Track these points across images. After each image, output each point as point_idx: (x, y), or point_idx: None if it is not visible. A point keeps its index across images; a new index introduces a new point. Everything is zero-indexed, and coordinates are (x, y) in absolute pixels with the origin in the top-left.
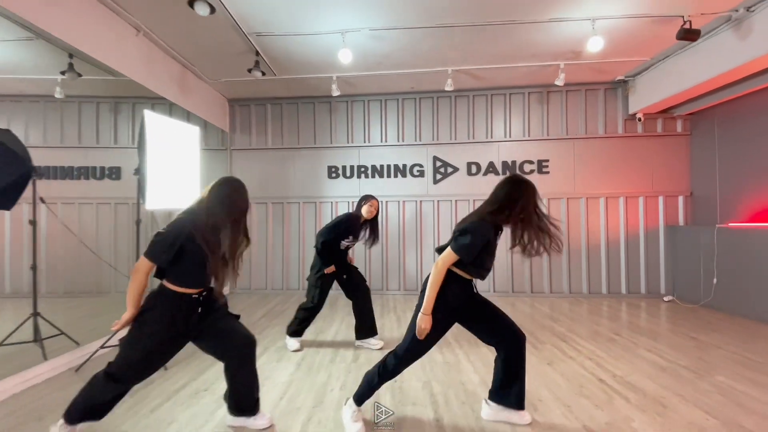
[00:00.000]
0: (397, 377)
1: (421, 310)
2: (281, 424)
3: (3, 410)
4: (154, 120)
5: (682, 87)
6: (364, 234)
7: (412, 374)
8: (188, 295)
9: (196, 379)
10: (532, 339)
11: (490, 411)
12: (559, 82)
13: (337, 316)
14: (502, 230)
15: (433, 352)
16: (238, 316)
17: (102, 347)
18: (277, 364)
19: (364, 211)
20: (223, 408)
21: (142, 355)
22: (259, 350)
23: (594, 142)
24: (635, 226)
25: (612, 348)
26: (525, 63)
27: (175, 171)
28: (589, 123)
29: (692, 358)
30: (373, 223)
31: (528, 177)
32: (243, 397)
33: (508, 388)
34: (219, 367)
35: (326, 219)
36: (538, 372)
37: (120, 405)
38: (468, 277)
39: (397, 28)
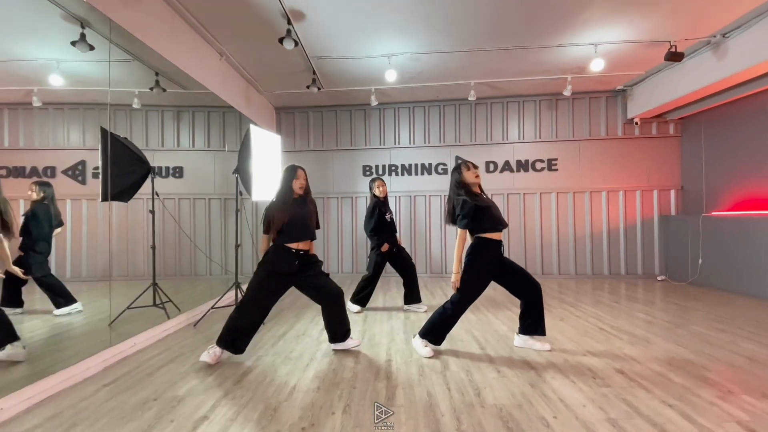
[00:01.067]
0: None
1: (453, 270)
2: (369, 351)
3: (154, 351)
4: (255, 132)
5: (671, 97)
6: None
7: (456, 328)
8: (290, 249)
9: (292, 328)
10: (546, 306)
11: (520, 340)
12: (567, 92)
13: (377, 296)
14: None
15: (468, 313)
16: (327, 274)
17: (213, 307)
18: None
19: (380, 191)
20: (324, 343)
21: (257, 293)
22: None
23: (597, 143)
24: (633, 216)
25: (612, 311)
26: (538, 77)
27: (265, 170)
28: (593, 126)
29: (675, 315)
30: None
31: (539, 174)
32: (337, 328)
33: (531, 320)
34: (305, 319)
35: (362, 212)
36: (552, 325)
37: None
38: (495, 237)
39: (434, 52)
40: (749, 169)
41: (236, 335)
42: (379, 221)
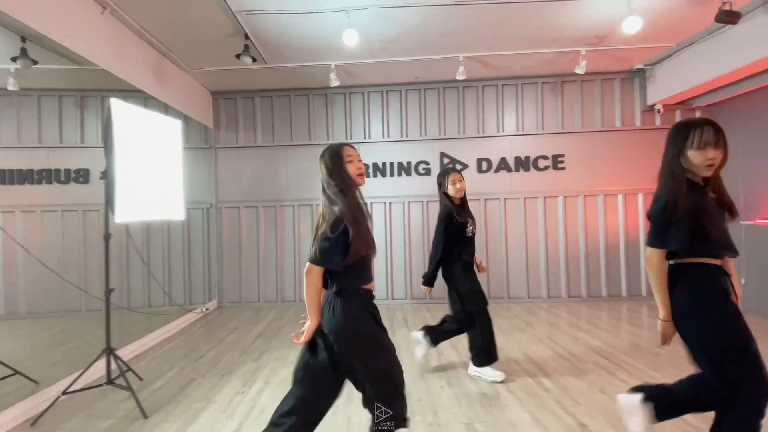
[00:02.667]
0: None
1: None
2: None
3: None
4: (123, 111)
5: (707, 77)
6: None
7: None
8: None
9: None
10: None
11: None
12: (580, 69)
13: None
14: None
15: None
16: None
17: (65, 392)
18: None
19: (455, 188)
20: None
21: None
22: (259, 384)
23: (611, 136)
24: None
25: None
26: (544, 49)
27: (152, 174)
28: (606, 115)
29: None
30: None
31: (542, 173)
32: None
33: None
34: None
35: None
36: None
37: None
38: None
39: (410, 6)
40: None
41: None
42: (454, 237)
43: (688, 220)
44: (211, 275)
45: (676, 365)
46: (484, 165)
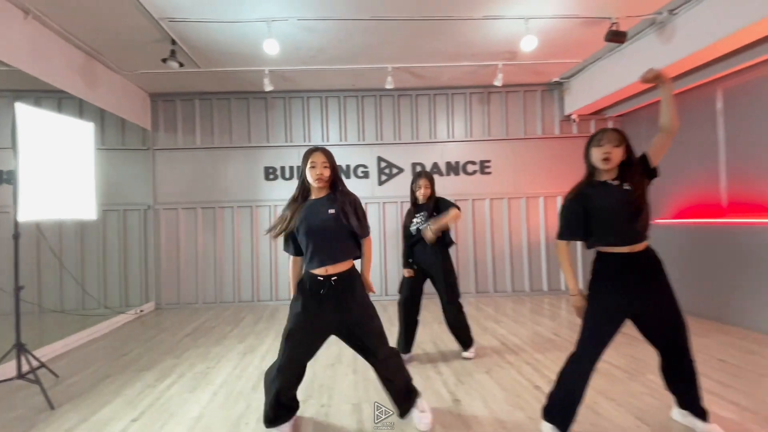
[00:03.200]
0: None
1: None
2: None
3: None
4: (30, 114)
5: (611, 89)
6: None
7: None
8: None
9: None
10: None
11: None
12: (498, 82)
13: (272, 330)
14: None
15: None
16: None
17: None
18: (190, 395)
19: (420, 194)
20: None
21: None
22: (172, 377)
23: (533, 143)
24: None
25: (550, 350)
26: (465, 62)
27: (58, 174)
28: (528, 124)
29: (620, 353)
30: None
31: (471, 177)
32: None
33: None
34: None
35: (263, 225)
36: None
37: None
38: None
39: (329, 19)
40: (698, 170)
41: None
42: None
43: (580, 214)
44: (149, 277)
45: (560, 348)
46: (418, 169)
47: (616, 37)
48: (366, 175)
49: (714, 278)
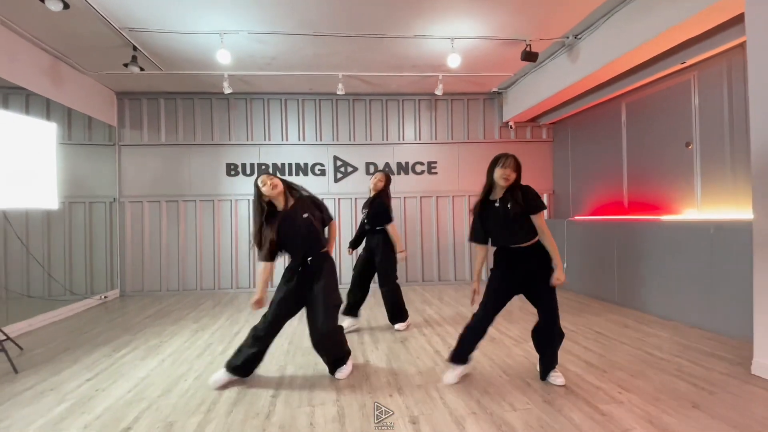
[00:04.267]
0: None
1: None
2: (117, 414)
3: None
4: None
5: (535, 100)
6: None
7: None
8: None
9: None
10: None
11: None
12: (438, 92)
13: (225, 313)
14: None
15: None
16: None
17: None
18: (140, 362)
19: (371, 184)
20: None
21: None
22: (127, 349)
23: (475, 146)
24: None
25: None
26: (408, 73)
27: (24, 169)
28: (471, 129)
29: (520, 329)
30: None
31: (419, 177)
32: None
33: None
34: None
35: (225, 217)
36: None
37: None
38: None
39: (276, 33)
40: (607, 173)
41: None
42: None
43: (478, 226)
44: (114, 265)
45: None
46: (372, 168)
47: (529, 57)
48: (323, 172)
49: (617, 267)
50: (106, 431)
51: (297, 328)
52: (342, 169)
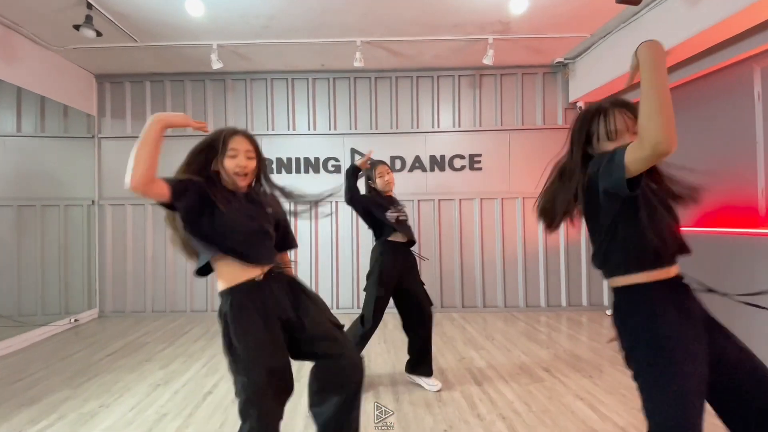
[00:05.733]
0: None
1: None
2: None
3: None
4: None
5: (623, 69)
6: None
7: None
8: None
9: None
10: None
11: None
12: (488, 60)
13: (206, 352)
14: None
15: None
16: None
17: None
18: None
19: (383, 181)
20: None
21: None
22: (50, 419)
23: (531, 134)
24: (576, 230)
25: (537, 389)
26: (447, 36)
27: None
28: (527, 112)
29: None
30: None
31: (458, 173)
32: None
33: None
34: None
35: None
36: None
37: None
38: None
39: None
40: (730, 168)
41: None
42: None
43: None
44: (91, 281)
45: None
46: (398, 163)
47: None
48: (337, 169)
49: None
50: None
51: None
52: None
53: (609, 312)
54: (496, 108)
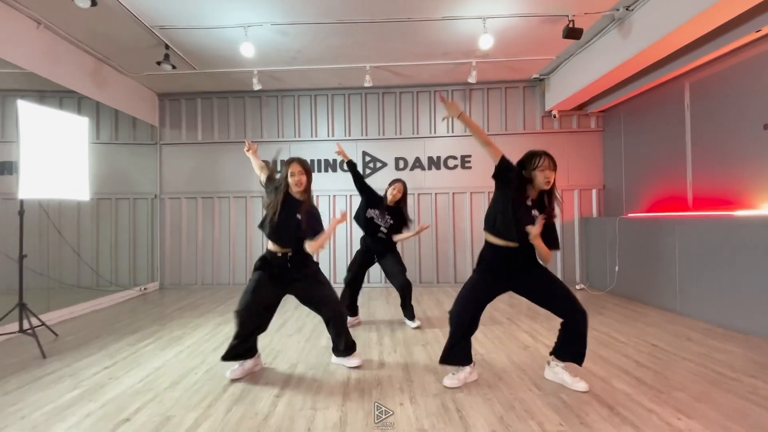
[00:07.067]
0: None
1: None
2: (122, 403)
3: None
4: (29, 111)
5: (583, 84)
6: (387, 219)
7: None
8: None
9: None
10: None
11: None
12: (472, 79)
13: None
14: None
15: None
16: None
17: None
18: (160, 352)
19: (391, 196)
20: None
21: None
22: (151, 339)
23: (514, 138)
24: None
25: (493, 330)
26: (439, 61)
27: (55, 162)
28: (509, 120)
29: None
30: (396, 210)
31: (451, 172)
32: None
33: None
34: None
35: (257, 214)
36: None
37: None
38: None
39: (299, 23)
40: (667, 165)
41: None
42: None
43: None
44: (154, 259)
45: (495, 326)
46: (402, 163)
47: (573, 33)
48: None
49: (678, 271)
50: (106, 420)
51: (317, 327)
52: (371, 165)
53: (578, 287)
54: (483, 116)
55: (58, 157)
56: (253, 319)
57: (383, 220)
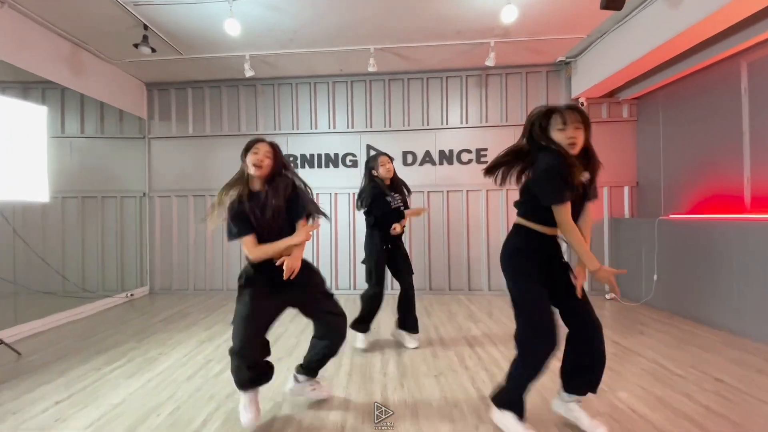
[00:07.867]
0: None
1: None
2: None
3: None
4: None
5: (618, 66)
6: (396, 198)
7: None
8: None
9: None
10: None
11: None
12: (489, 62)
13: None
14: None
15: None
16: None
17: None
18: (125, 381)
19: (384, 169)
20: None
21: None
22: (121, 362)
23: None
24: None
25: None
26: (451, 41)
27: (5, 159)
28: (530, 108)
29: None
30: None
31: (465, 167)
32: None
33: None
34: None
35: None
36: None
37: None
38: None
39: None
40: (717, 158)
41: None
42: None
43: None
44: (143, 262)
45: None
46: (410, 158)
47: (613, 3)
48: (354, 164)
49: (736, 283)
50: None
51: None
52: None
53: (608, 296)
54: (501, 105)
55: (8, 153)
56: (258, 350)
57: (395, 201)
